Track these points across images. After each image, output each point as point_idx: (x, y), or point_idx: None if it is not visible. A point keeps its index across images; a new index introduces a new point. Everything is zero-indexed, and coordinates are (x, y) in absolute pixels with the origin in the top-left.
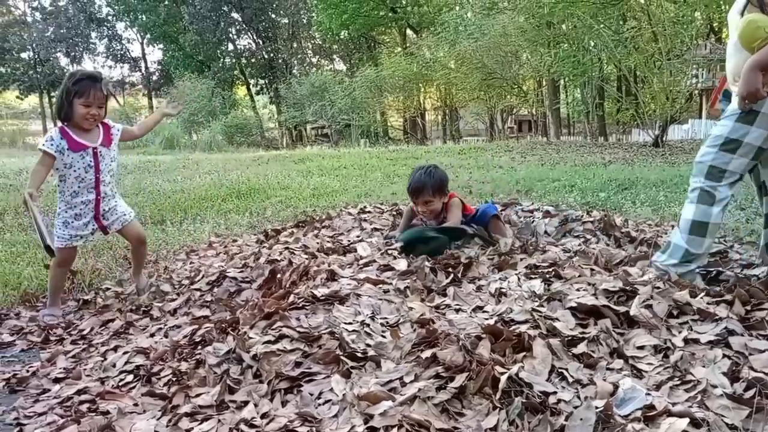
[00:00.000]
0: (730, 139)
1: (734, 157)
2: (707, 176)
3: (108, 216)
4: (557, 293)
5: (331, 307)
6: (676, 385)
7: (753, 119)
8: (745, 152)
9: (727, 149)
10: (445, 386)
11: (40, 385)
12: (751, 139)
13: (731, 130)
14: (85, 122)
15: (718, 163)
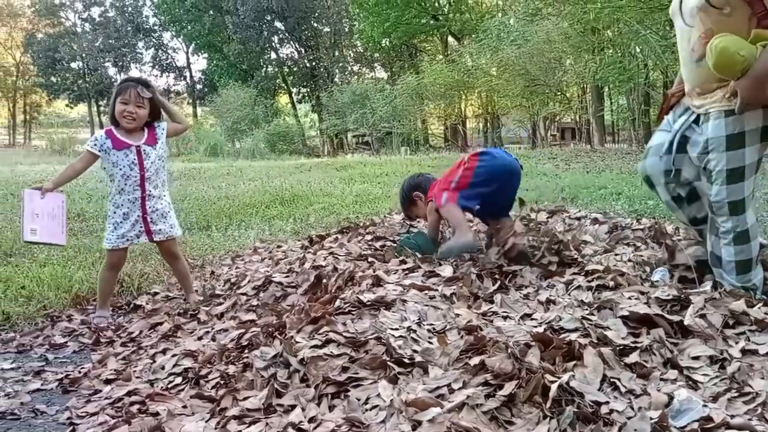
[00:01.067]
0: (732, 170)
1: (744, 183)
2: (731, 212)
3: (156, 220)
4: (608, 301)
5: (377, 313)
6: (734, 396)
7: (742, 140)
8: (750, 173)
9: (733, 180)
10: (493, 394)
11: (91, 386)
12: (749, 159)
13: (728, 160)
14: (123, 120)
15: (734, 197)
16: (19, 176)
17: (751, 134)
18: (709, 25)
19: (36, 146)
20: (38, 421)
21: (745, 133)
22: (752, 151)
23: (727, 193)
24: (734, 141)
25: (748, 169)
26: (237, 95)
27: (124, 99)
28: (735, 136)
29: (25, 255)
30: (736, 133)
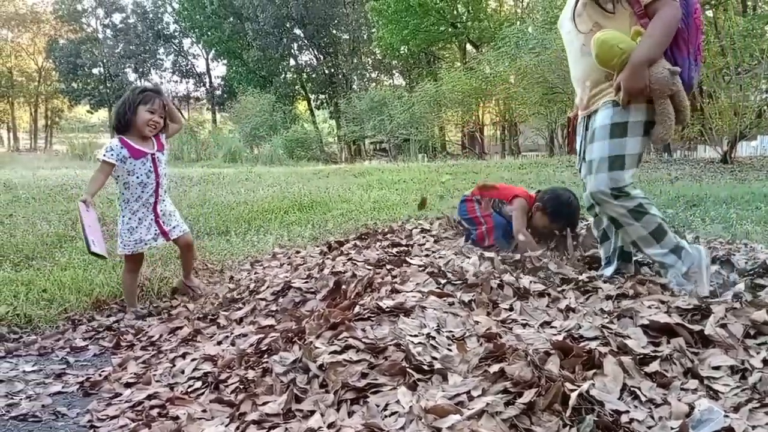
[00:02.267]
0: (614, 157)
1: (625, 173)
2: (617, 198)
3: (167, 221)
4: (628, 310)
5: (396, 319)
6: (755, 407)
7: (625, 130)
8: (631, 164)
9: (615, 168)
10: (513, 401)
11: (112, 389)
12: (630, 149)
13: (610, 148)
14: (147, 129)
15: (616, 185)
16: (41, 180)
17: (634, 126)
18: (595, 20)
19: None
20: (59, 423)
21: (628, 124)
22: (634, 142)
23: (609, 179)
24: (617, 130)
25: (628, 158)
26: (256, 101)
27: (151, 108)
28: (618, 126)
29: (47, 258)
30: (621, 122)
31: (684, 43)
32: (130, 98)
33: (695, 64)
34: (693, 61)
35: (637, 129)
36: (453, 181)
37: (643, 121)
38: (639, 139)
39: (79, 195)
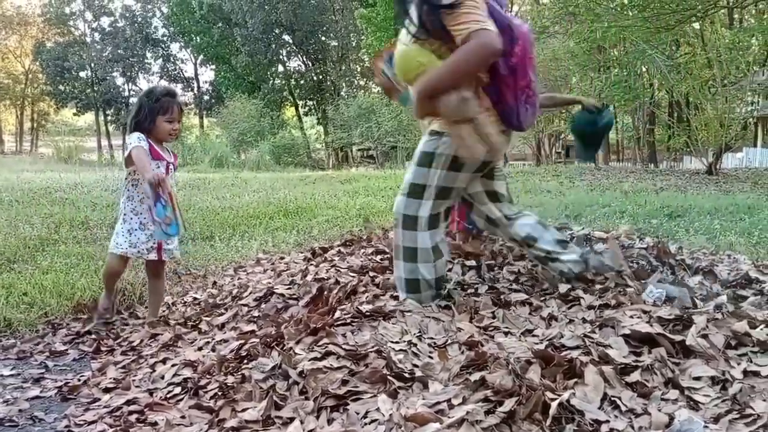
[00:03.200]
0: (414, 185)
1: (422, 202)
2: (404, 227)
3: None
4: (610, 319)
5: (377, 324)
6: (735, 418)
7: (431, 161)
8: (430, 195)
9: (413, 196)
10: (493, 410)
11: (90, 394)
12: (432, 180)
13: (413, 175)
14: (169, 137)
15: (409, 212)
16: (24, 183)
17: (439, 157)
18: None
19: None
20: (36, 428)
21: (434, 155)
22: (437, 174)
23: (405, 205)
24: (425, 158)
25: (428, 189)
26: (244, 107)
27: (170, 118)
28: (426, 154)
29: (28, 262)
30: (429, 152)
31: (507, 88)
32: (147, 106)
33: (526, 105)
34: (523, 103)
35: (441, 162)
36: None
37: (450, 156)
38: (443, 173)
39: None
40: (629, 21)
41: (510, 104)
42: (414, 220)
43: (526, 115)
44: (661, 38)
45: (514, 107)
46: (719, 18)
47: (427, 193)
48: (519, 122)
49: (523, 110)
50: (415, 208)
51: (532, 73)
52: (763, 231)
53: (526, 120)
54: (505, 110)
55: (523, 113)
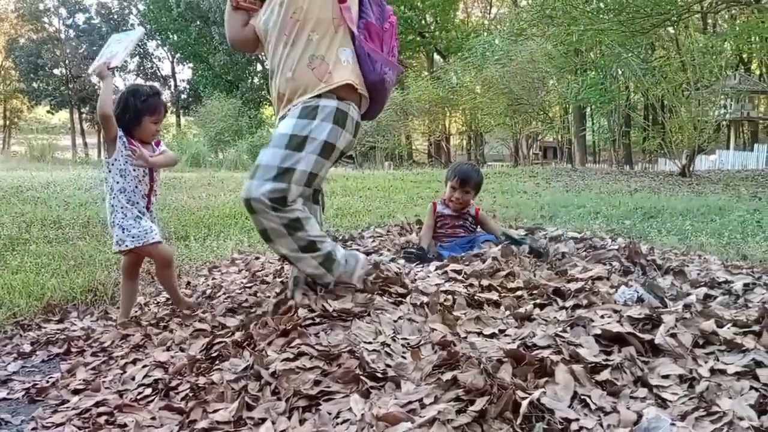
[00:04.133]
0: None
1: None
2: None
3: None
4: (581, 319)
5: (350, 324)
6: (701, 416)
7: (302, 144)
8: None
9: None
10: (465, 409)
11: (59, 396)
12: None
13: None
14: (151, 138)
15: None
16: None
17: (312, 142)
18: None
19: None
20: (2, 431)
21: (307, 138)
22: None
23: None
24: (295, 141)
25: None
26: (221, 106)
27: (156, 119)
28: (297, 137)
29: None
30: (301, 135)
31: (377, 37)
32: (133, 104)
33: (390, 63)
34: (386, 60)
35: (315, 147)
36: (417, 189)
37: (323, 141)
38: (313, 158)
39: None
40: (605, 24)
41: (376, 49)
42: (283, 201)
43: (390, 71)
44: (637, 42)
45: (377, 54)
46: (693, 22)
47: (296, 178)
48: (382, 70)
49: (385, 67)
50: (281, 191)
51: (394, 52)
52: (733, 232)
53: (389, 75)
54: (370, 55)
55: (385, 69)
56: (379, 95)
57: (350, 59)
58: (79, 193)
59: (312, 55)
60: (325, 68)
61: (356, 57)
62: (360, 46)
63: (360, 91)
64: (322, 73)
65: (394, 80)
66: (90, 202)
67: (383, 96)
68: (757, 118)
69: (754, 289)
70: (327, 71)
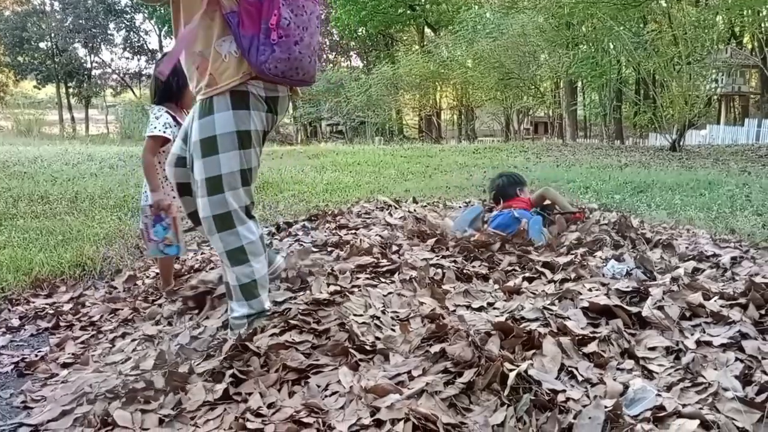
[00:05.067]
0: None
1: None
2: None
3: None
4: (569, 292)
5: (343, 300)
6: (687, 387)
7: (214, 146)
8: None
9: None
10: (453, 381)
11: (48, 370)
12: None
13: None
14: (191, 106)
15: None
16: None
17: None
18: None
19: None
20: None
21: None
22: (229, 158)
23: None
24: (206, 147)
25: (226, 178)
26: None
27: None
28: (207, 141)
29: None
30: (209, 137)
31: (249, 18)
32: (180, 72)
33: (270, 44)
34: (266, 40)
35: (229, 142)
36: (407, 164)
37: (234, 132)
38: (236, 154)
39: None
40: None
41: (247, 36)
42: (226, 217)
43: (270, 56)
44: (629, 15)
45: (253, 40)
46: None
47: (227, 183)
48: (257, 61)
49: (265, 48)
50: (223, 204)
51: (295, 14)
52: (722, 206)
53: (270, 62)
54: (242, 43)
55: (265, 52)
56: (279, 79)
57: (233, 51)
58: (67, 168)
59: (193, 51)
60: (205, 67)
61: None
62: (236, 35)
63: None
64: (203, 72)
65: (294, 53)
66: (78, 177)
67: (288, 78)
68: (749, 92)
69: (741, 263)
70: (207, 71)
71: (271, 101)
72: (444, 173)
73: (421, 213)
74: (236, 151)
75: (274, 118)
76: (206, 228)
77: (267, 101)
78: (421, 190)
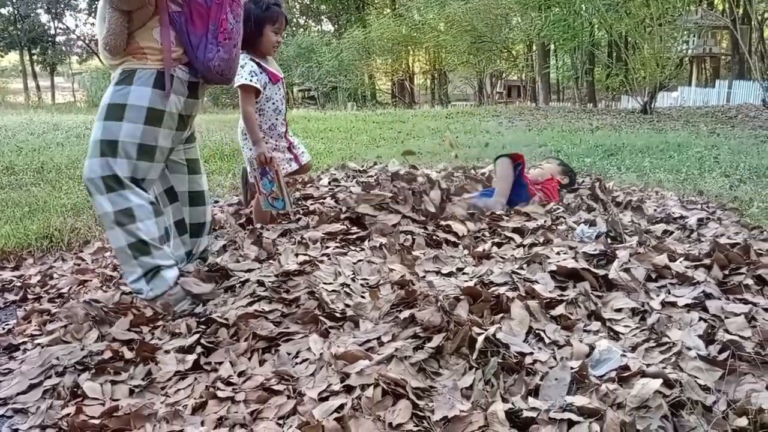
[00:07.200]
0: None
1: (117, 160)
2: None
3: (296, 146)
4: (537, 256)
5: (313, 268)
6: (651, 347)
7: (121, 113)
8: (128, 153)
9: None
10: (422, 346)
11: (15, 343)
12: (126, 137)
13: (103, 131)
14: (272, 51)
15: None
16: None
17: (132, 109)
18: None
19: None
20: None
21: (126, 106)
22: (132, 129)
23: (99, 167)
24: (114, 111)
25: (121, 146)
26: None
27: (278, 28)
28: (116, 107)
29: None
30: (120, 103)
31: (200, 19)
32: (255, 13)
33: (217, 43)
34: (213, 40)
35: (138, 115)
36: (379, 130)
37: (145, 107)
38: (140, 128)
39: None
40: None
41: (198, 34)
42: (115, 180)
43: (216, 54)
44: None
45: (203, 38)
46: None
47: (122, 150)
48: (205, 57)
49: (212, 47)
50: (111, 167)
51: (236, 20)
52: (690, 168)
53: (215, 59)
54: (191, 40)
55: (212, 50)
56: (213, 79)
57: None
58: (32, 137)
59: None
60: (137, 45)
61: (180, 41)
62: (182, 32)
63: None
64: (134, 48)
65: (233, 54)
66: (43, 147)
67: (220, 79)
68: (719, 54)
69: (707, 224)
70: (139, 48)
71: (192, 86)
72: (416, 139)
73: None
74: (141, 125)
75: (196, 102)
76: (91, 189)
77: (189, 86)
78: (393, 156)
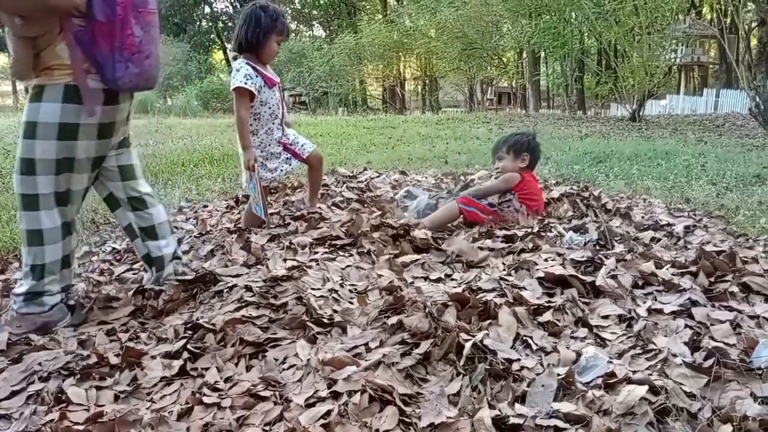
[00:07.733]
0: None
1: (38, 178)
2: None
3: (294, 142)
4: (525, 262)
5: (301, 274)
6: (637, 353)
7: (34, 131)
8: (45, 170)
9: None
10: (410, 352)
11: None
12: (42, 154)
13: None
14: (271, 59)
15: (26, 191)
16: None
17: (44, 128)
18: None
19: None
20: None
21: (38, 125)
22: (45, 146)
23: (20, 184)
24: (28, 129)
25: (40, 164)
26: (169, 50)
27: (282, 39)
28: (29, 125)
29: None
30: (31, 121)
31: (104, 38)
32: (264, 22)
33: (125, 60)
34: (121, 58)
35: (49, 132)
36: (370, 135)
37: (56, 123)
38: (53, 144)
39: None
40: None
41: (104, 53)
42: (33, 199)
43: (126, 71)
44: None
45: (109, 58)
46: None
47: (40, 168)
48: (114, 77)
49: (121, 65)
50: (32, 186)
51: (144, 30)
52: (678, 176)
53: (126, 77)
54: (99, 60)
55: (121, 68)
56: (131, 90)
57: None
58: None
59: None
60: (43, 61)
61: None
62: (88, 52)
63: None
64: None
65: (146, 66)
66: None
67: (138, 88)
68: (707, 62)
69: (694, 231)
70: (45, 64)
71: (110, 93)
72: (407, 144)
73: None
74: (54, 142)
75: (116, 108)
76: (17, 202)
77: (107, 93)
78: (383, 162)
